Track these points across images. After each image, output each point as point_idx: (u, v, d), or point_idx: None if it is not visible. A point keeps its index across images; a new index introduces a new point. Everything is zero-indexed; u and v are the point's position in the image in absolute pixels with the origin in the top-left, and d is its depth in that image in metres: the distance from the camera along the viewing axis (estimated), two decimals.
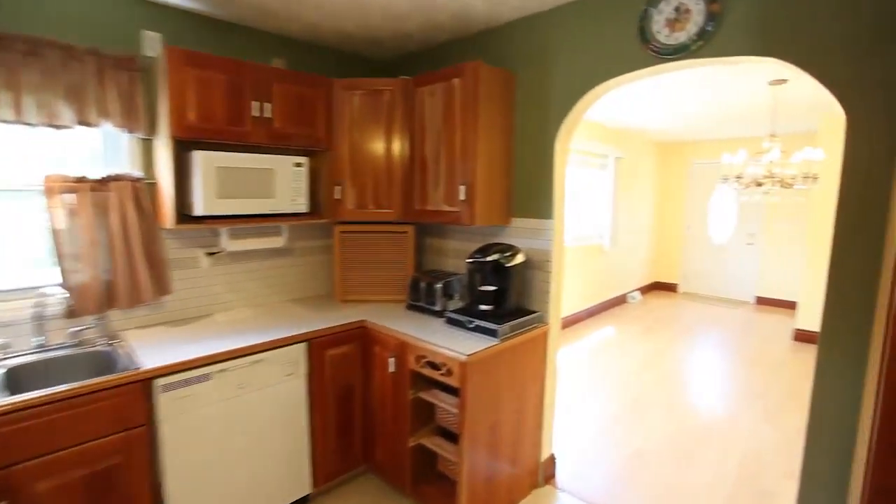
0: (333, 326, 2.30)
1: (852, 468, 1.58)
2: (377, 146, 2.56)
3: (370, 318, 2.41)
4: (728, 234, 7.15)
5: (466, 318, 2.20)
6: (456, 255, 2.79)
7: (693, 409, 3.47)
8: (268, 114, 2.26)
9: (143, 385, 1.70)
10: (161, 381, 1.73)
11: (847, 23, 1.51)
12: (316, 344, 2.23)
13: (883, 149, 1.49)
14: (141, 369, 1.69)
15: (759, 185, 3.43)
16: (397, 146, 2.57)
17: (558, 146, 2.27)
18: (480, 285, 2.23)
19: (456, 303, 2.49)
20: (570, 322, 5.56)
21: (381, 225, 2.75)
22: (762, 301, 6.88)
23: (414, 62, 2.95)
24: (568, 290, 5.45)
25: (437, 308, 2.45)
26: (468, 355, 1.91)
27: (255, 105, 2.20)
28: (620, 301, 6.79)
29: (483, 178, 2.25)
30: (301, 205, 2.44)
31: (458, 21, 2.40)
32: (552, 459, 2.58)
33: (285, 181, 2.34)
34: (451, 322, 2.28)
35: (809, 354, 4.70)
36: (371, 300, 2.78)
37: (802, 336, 5.17)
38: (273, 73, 2.27)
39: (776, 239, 6.71)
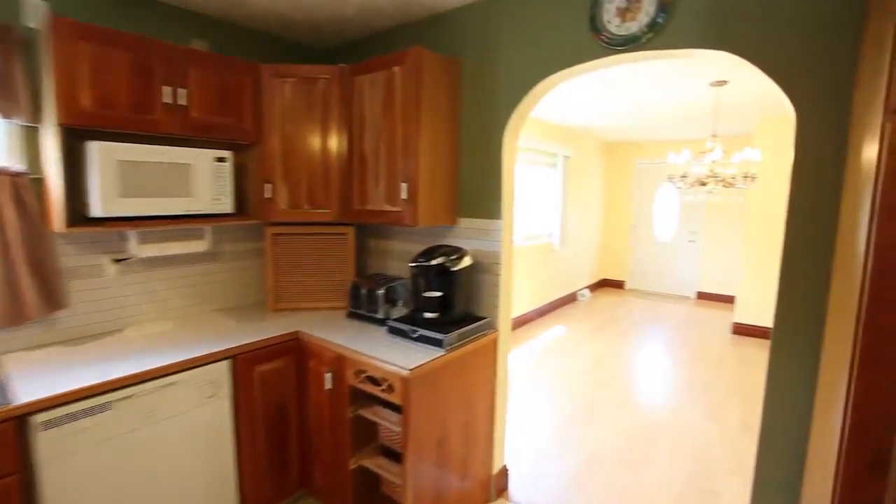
0: (263, 339, 2.06)
1: (804, 477, 1.55)
2: (312, 140, 2.34)
3: (305, 329, 2.19)
4: (671, 232, 7.38)
5: (410, 326, 2.03)
6: (401, 258, 2.61)
7: (643, 407, 3.47)
8: (183, 101, 1.99)
9: (16, 424, 1.41)
10: (41, 417, 1.45)
11: (799, 18, 1.46)
12: (243, 360, 1.99)
13: (833, 147, 1.45)
14: (12, 405, 1.40)
15: (703, 184, 3.48)
16: (334, 140, 2.36)
17: (506, 141, 2.14)
18: (425, 291, 2.07)
19: (400, 310, 2.31)
20: (520, 322, 5.51)
21: (318, 226, 2.53)
22: (702, 296, 7.15)
23: (356, 51, 2.75)
24: (519, 291, 5.40)
25: (380, 316, 2.27)
26: (410, 370, 1.74)
27: (166, 90, 1.93)
28: (571, 299, 6.84)
29: (426, 176, 2.08)
30: (225, 204, 2.18)
31: (401, 5, 2.22)
32: (504, 471, 2.46)
33: (205, 178, 2.08)
34: (394, 331, 2.10)
35: (747, 347, 4.87)
36: (308, 308, 2.56)
37: (740, 329, 5.37)
38: (189, 55, 2.00)
39: (715, 236, 6.98)
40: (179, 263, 2.37)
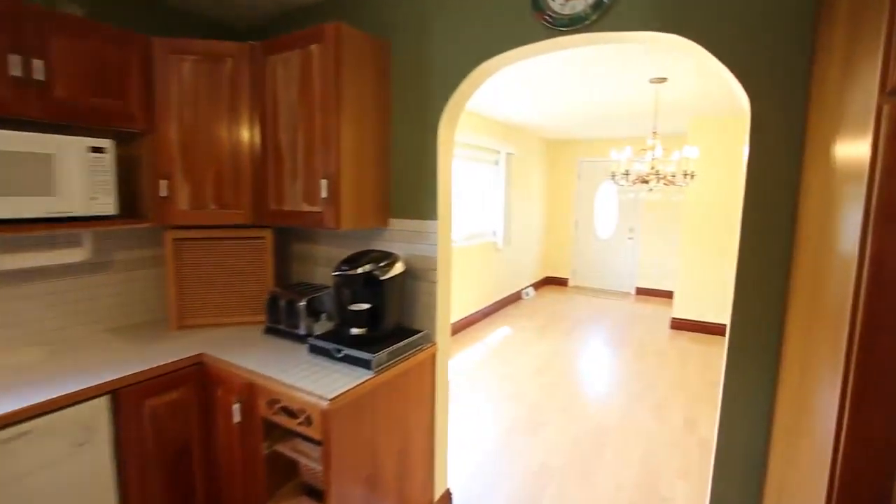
0: (157, 367, 1.72)
1: (763, 501, 1.44)
2: (218, 130, 2.00)
3: (212, 351, 1.87)
4: (611, 230, 7.50)
5: (334, 345, 1.76)
6: (328, 264, 2.32)
7: (590, 410, 3.38)
8: (40, 75, 1.60)
9: None
10: None
11: (756, 1, 1.34)
12: (127, 394, 1.64)
13: (789, 140, 1.33)
14: None
15: (645, 181, 3.44)
16: (246, 130, 2.03)
17: (442, 133, 1.91)
18: (351, 303, 1.80)
19: (325, 324, 2.03)
20: (465, 324, 5.34)
21: (230, 229, 2.19)
22: (641, 291, 7.32)
23: (276, 31, 2.42)
24: (463, 292, 5.22)
25: (301, 332, 1.98)
26: (331, 399, 1.48)
27: (14, 60, 1.54)
28: (515, 298, 6.77)
29: (351, 172, 1.81)
30: (106, 205, 1.80)
31: None
32: (448, 495, 2.25)
33: (76, 172, 1.70)
34: (316, 350, 1.82)
35: (684, 342, 4.97)
36: (220, 324, 2.22)
37: (677, 324, 5.49)
38: (50, 19, 1.61)
39: (652, 233, 7.15)
40: (53, 276, 1.96)
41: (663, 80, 3.43)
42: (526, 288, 7.08)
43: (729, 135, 5.00)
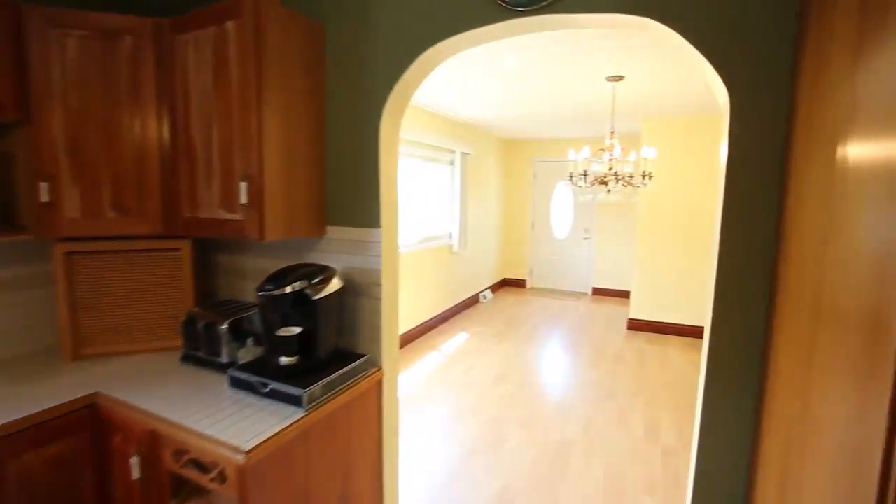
0: (34, 415, 1.38)
1: None
2: (116, 122, 1.67)
3: (111, 388, 1.54)
4: (567, 230, 7.48)
5: (259, 378, 1.48)
6: (260, 278, 2.02)
7: (550, 423, 3.23)
8: None
9: None
10: None
11: None
12: None
13: (773, 135, 1.19)
14: None
15: (604, 182, 3.33)
16: (152, 123, 1.71)
17: (385, 127, 1.67)
18: (279, 328, 1.53)
19: (253, 350, 1.74)
20: (420, 332, 5.11)
21: (140, 240, 1.86)
22: (597, 292, 7.34)
23: (197, 4, 2.09)
24: (417, 298, 4.99)
25: (224, 360, 1.68)
26: (248, 451, 1.21)
27: None
28: (473, 301, 6.60)
29: (277, 172, 1.54)
30: None
31: None
32: None
33: None
34: (238, 384, 1.53)
35: (641, 343, 4.95)
36: (128, 352, 1.88)
37: (634, 325, 5.49)
38: None
39: (607, 233, 7.18)
40: None
41: (620, 77, 3.33)
42: (483, 291, 6.93)
43: (682, 135, 5.02)
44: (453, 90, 3.93)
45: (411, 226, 4.95)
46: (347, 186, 1.73)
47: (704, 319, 1.43)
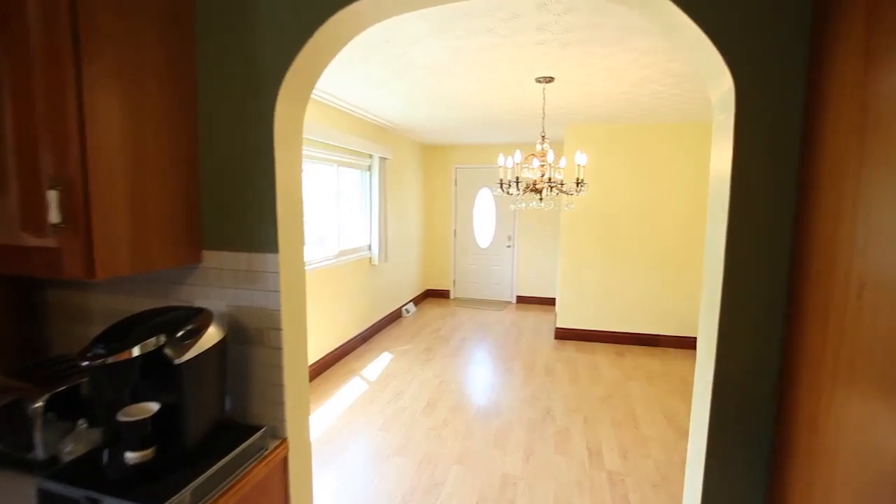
0: None
1: None
2: None
3: None
4: (490, 238, 7.33)
5: (86, 491, 0.97)
6: (107, 321, 1.47)
7: (489, 454, 2.91)
8: None
9: None
10: None
11: None
12: None
13: (787, 133, 0.94)
14: None
15: (536, 190, 3.11)
16: None
17: (283, 119, 1.24)
18: (122, 407, 1.03)
19: (86, 437, 1.20)
20: (339, 355, 4.59)
21: None
22: (522, 300, 7.25)
23: None
24: (334, 319, 4.47)
25: (39, 456, 1.13)
26: None
27: None
28: (396, 316, 6.18)
29: (114, 176, 1.04)
30: None
31: None
32: None
33: None
34: (50, 502, 1.00)
35: (570, 352, 4.85)
36: None
37: (561, 334, 5.40)
38: None
39: (529, 240, 7.13)
40: None
41: (550, 79, 3.13)
42: (406, 304, 6.54)
43: (605, 143, 5.03)
44: (371, 89, 3.52)
45: (327, 239, 4.44)
46: (231, 197, 1.26)
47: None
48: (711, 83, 1.07)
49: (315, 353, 4.09)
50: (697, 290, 4.99)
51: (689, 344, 5.05)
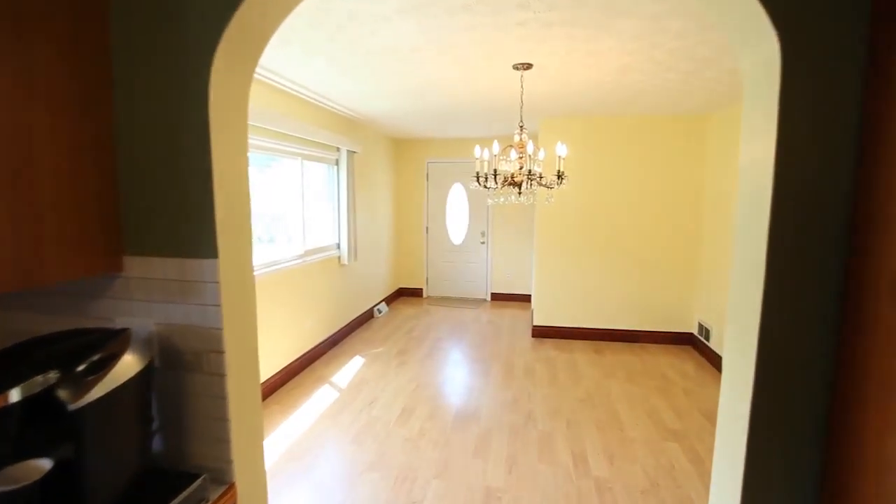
0: None
1: None
2: None
3: None
4: (463, 235, 7.15)
5: None
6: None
7: (470, 465, 2.73)
8: None
9: None
10: None
11: None
12: None
13: (840, 111, 0.78)
14: None
15: (514, 184, 2.93)
16: None
17: (220, 92, 1.00)
18: (0, 468, 0.78)
19: None
20: (307, 361, 4.32)
21: None
22: (497, 297, 7.11)
23: None
24: (301, 323, 4.19)
25: None
26: None
27: None
28: (368, 317, 5.93)
29: None
30: None
31: None
32: None
33: None
34: None
35: (548, 351, 4.72)
36: None
37: (538, 332, 5.27)
38: None
39: (503, 237, 6.98)
40: None
41: (528, 66, 2.95)
42: (378, 304, 6.29)
43: (581, 135, 4.91)
44: (337, 75, 3.26)
45: (293, 238, 4.15)
46: (156, 190, 1.02)
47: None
48: (747, 49, 0.89)
49: (281, 360, 3.81)
50: (677, 284, 4.95)
51: (667, 339, 5.01)
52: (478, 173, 2.98)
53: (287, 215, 4.14)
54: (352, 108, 4.59)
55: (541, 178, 3.03)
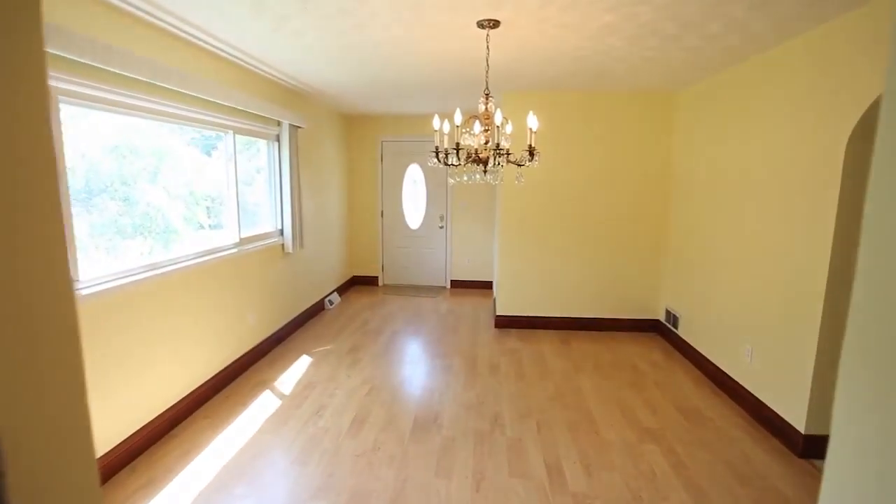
0: None
1: None
2: None
3: None
4: (420, 219, 6.74)
5: None
6: None
7: (432, 486, 2.38)
8: None
9: None
10: None
11: None
12: None
13: None
14: None
15: (479, 160, 2.55)
16: None
17: None
18: None
19: None
20: (244, 365, 3.82)
21: None
22: (456, 284, 6.78)
23: None
24: (237, 320, 3.68)
25: None
26: None
27: None
28: (318, 310, 5.44)
29: None
30: None
31: None
32: None
33: None
34: None
35: (513, 342, 4.44)
36: None
37: (501, 322, 4.98)
38: None
39: (462, 221, 6.64)
40: None
41: (496, 23, 2.55)
42: (329, 295, 5.80)
43: (547, 112, 4.56)
44: (272, 32, 2.73)
45: (228, 225, 3.61)
46: None
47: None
48: None
49: (210, 366, 3.30)
50: (643, 269, 4.76)
51: (633, 326, 4.84)
52: (437, 148, 2.57)
53: (220, 199, 3.59)
54: (294, 77, 4.04)
55: (509, 154, 2.66)
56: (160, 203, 3.05)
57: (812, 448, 2.60)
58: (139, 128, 2.79)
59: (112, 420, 2.41)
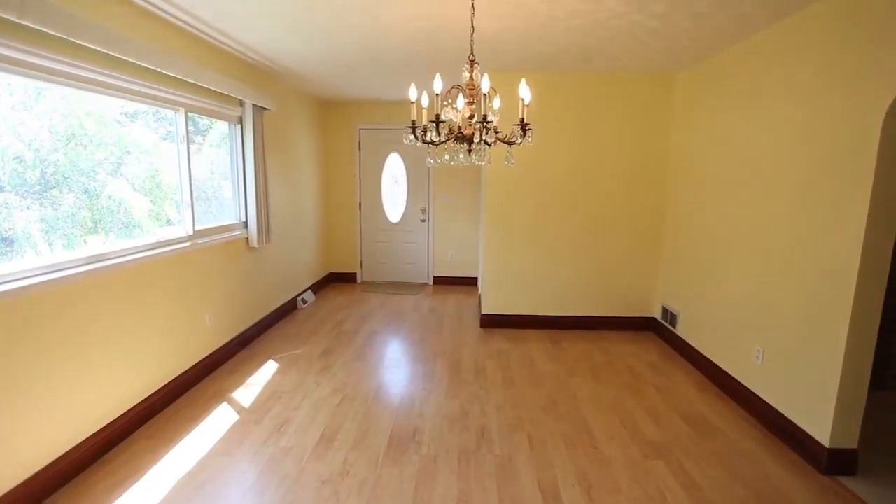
0: None
1: None
2: None
3: None
4: (401, 212, 6.36)
5: None
6: None
7: None
8: None
9: None
10: None
11: None
12: None
13: None
14: None
15: (463, 137, 2.20)
16: None
17: None
18: None
19: None
20: (202, 372, 3.40)
21: None
22: (439, 281, 6.42)
23: None
24: (193, 323, 3.26)
25: None
26: None
27: None
28: (290, 309, 5.03)
29: None
30: None
31: None
32: None
33: None
34: None
35: (498, 343, 4.10)
36: None
37: (487, 321, 4.65)
38: None
39: (445, 214, 6.28)
40: None
41: None
42: (303, 293, 5.39)
43: (535, 95, 4.21)
44: (238, 5, 2.33)
45: (182, 217, 3.18)
46: None
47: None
48: None
49: (156, 376, 2.88)
50: (639, 264, 4.47)
51: (627, 325, 4.55)
52: (414, 122, 2.20)
53: (174, 187, 3.16)
54: (255, 51, 3.61)
55: (497, 131, 2.30)
56: (115, 194, 2.63)
57: (837, 464, 2.32)
58: (89, 108, 2.36)
59: (27, 444, 1.99)
